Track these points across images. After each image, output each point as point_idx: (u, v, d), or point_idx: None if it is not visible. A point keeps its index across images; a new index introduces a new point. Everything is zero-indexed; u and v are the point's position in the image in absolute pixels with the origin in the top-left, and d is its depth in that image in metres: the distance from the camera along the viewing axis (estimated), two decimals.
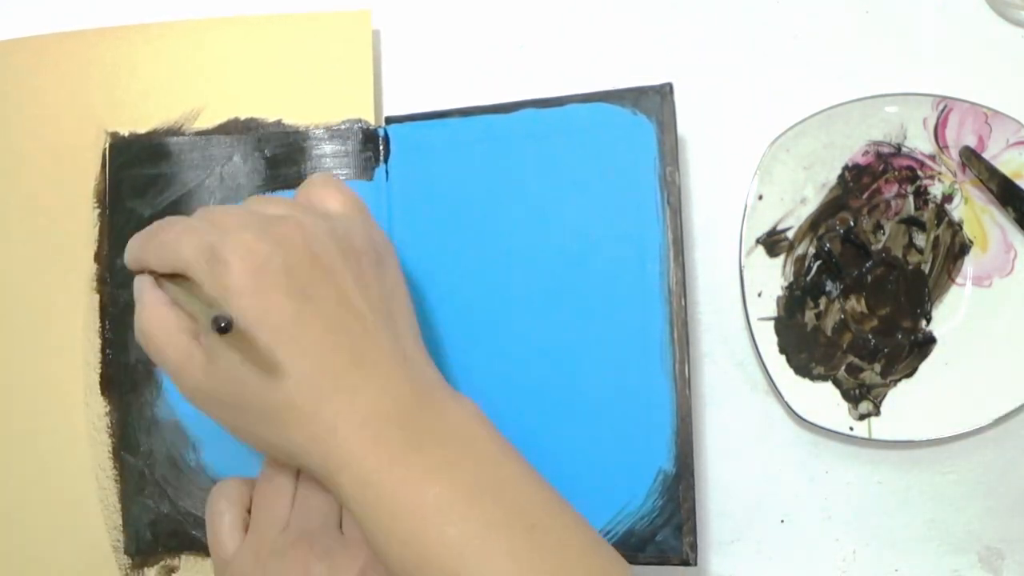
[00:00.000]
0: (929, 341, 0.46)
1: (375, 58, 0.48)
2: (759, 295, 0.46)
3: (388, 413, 0.34)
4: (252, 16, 0.48)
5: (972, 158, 0.45)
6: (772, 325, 0.46)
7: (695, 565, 0.42)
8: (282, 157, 0.47)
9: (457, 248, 0.45)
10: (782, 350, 0.45)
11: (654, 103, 0.43)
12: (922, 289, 0.46)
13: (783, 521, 0.46)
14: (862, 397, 0.45)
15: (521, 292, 0.44)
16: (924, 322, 0.46)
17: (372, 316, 0.36)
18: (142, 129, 0.48)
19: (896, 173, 0.46)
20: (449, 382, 0.38)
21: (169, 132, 0.47)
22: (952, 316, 0.46)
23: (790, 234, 0.46)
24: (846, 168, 0.46)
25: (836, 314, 0.46)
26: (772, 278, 0.46)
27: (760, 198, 0.46)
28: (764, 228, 0.46)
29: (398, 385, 0.35)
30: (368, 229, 0.39)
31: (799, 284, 0.46)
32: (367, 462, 0.33)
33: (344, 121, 0.47)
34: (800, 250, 0.46)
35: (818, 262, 0.46)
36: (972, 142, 0.45)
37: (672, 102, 0.43)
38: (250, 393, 0.34)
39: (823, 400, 0.45)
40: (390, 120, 0.47)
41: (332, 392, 0.34)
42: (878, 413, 0.45)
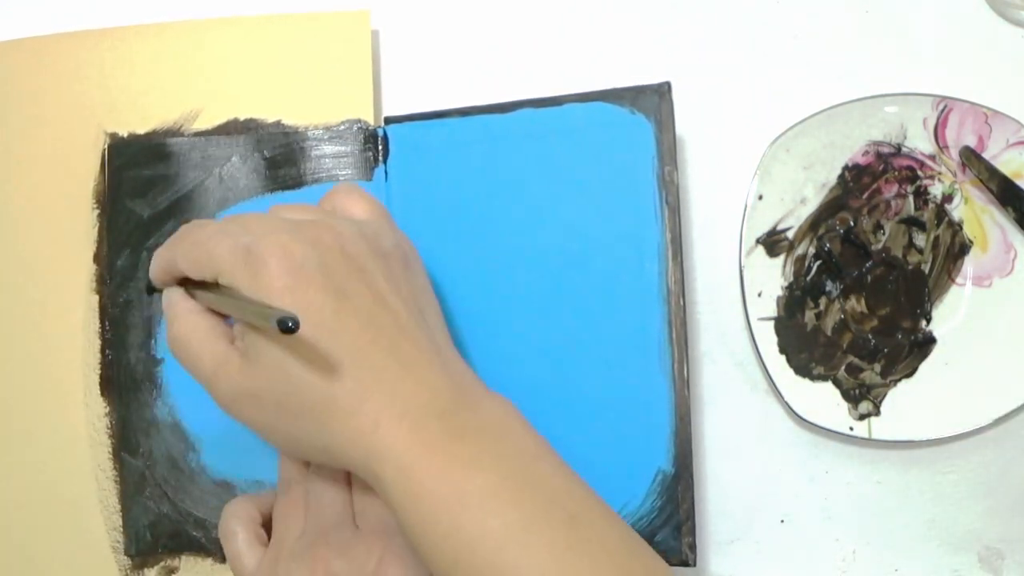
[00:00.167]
0: (929, 341, 0.46)
1: (374, 58, 0.49)
2: (759, 295, 0.46)
3: (427, 406, 0.34)
4: (251, 16, 0.48)
5: (972, 158, 0.45)
6: (772, 325, 0.46)
7: (694, 565, 0.42)
8: (281, 157, 0.47)
9: (456, 247, 0.45)
10: (782, 350, 0.45)
11: (652, 102, 0.43)
12: (922, 289, 0.46)
13: (783, 521, 0.46)
14: (862, 397, 0.45)
15: (519, 291, 0.44)
16: (924, 322, 0.46)
17: (406, 313, 0.36)
18: (141, 130, 0.48)
19: (896, 173, 0.46)
20: None
21: (168, 133, 0.47)
22: (952, 316, 0.46)
23: (790, 234, 0.46)
24: (846, 168, 0.46)
25: (836, 314, 0.46)
26: (772, 278, 0.46)
27: (760, 198, 0.46)
28: (764, 228, 0.46)
29: (435, 379, 0.35)
30: (394, 232, 0.40)
31: (799, 284, 0.46)
32: (409, 454, 0.33)
33: (343, 121, 0.47)
34: (800, 250, 0.46)
35: (818, 262, 0.46)
36: (972, 142, 0.45)
37: (670, 101, 0.43)
38: (292, 390, 0.34)
39: (823, 400, 0.45)
40: (389, 120, 0.47)
41: (373, 386, 0.34)
42: (878, 413, 0.45)
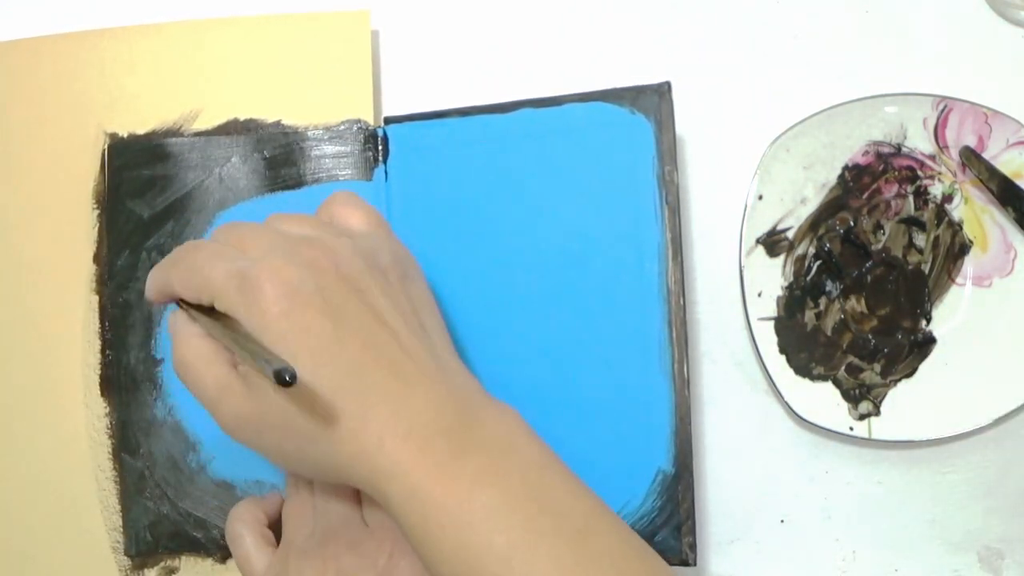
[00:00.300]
0: (929, 341, 0.46)
1: (374, 58, 0.49)
2: (759, 295, 0.46)
3: (431, 423, 0.34)
4: (251, 16, 0.48)
5: (972, 158, 0.45)
6: (772, 325, 0.46)
7: (694, 565, 0.42)
8: (281, 158, 0.47)
9: (456, 248, 0.45)
10: (782, 350, 0.45)
11: (652, 102, 0.43)
12: (922, 289, 0.46)
13: (783, 521, 0.46)
14: (862, 397, 0.45)
15: (519, 291, 0.44)
16: (924, 322, 0.46)
17: (406, 330, 0.36)
18: (141, 130, 0.48)
19: (896, 173, 0.46)
20: None
21: (168, 133, 0.47)
22: (952, 316, 0.46)
23: (790, 234, 0.46)
24: (846, 168, 0.46)
25: (836, 314, 0.46)
26: (772, 278, 0.46)
27: (760, 198, 0.46)
28: (764, 228, 0.46)
29: (438, 395, 0.35)
30: (392, 244, 0.39)
31: (799, 284, 0.46)
32: (414, 473, 0.33)
33: (343, 121, 0.47)
34: (800, 250, 0.46)
35: (818, 262, 0.46)
36: (972, 142, 0.45)
37: (670, 101, 0.43)
38: (295, 415, 0.34)
39: (823, 400, 0.45)
40: (389, 120, 0.47)
41: (376, 406, 0.34)
42: (878, 413, 0.45)
